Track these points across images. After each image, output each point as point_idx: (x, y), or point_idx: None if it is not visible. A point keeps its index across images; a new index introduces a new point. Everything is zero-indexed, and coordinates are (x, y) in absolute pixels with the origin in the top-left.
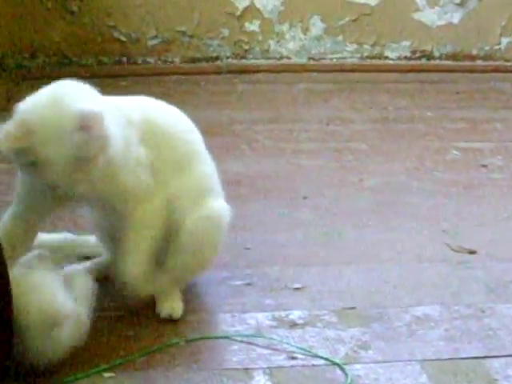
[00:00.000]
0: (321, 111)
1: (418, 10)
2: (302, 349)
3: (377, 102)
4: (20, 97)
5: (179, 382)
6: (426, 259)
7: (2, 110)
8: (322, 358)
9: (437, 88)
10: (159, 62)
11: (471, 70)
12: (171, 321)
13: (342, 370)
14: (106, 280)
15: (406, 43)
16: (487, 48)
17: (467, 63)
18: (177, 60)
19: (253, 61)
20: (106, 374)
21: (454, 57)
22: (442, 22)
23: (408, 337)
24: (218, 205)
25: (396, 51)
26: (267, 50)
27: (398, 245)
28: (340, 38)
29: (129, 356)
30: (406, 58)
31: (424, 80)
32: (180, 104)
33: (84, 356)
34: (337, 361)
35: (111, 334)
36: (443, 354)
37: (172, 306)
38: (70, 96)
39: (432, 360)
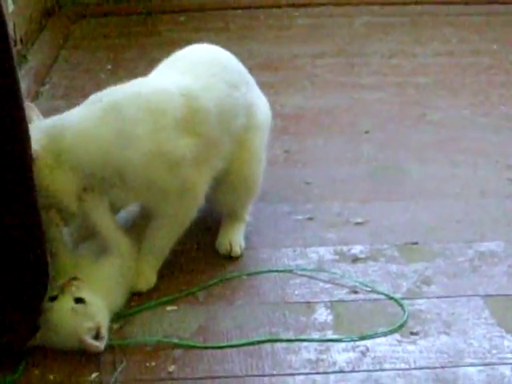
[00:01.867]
0: (382, 45)
1: None
2: (361, 283)
3: (440, 35)
4: (77, 36)
5: (241, 315)
6: (490, 195)
7: (59, 49)
8: (380, 293)
9: (503, 20)
10: None
11: None
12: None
13: (400, 305)
14: None
15: None
16: None
17: None
18: None
19: None
20: (169, 308)
21: None
22: None
23: (471, 272)
24: (258, 140)
25: None
26: None
27: (462, 180)
28: None
29: (190, 289)
30: None
31: (490, 12)
32: (239, 39)
33: None
34: (396, 296)
35: (173, 269)
36: (506, 289)
37: (231, 243)
38: None
39: (495, 295)
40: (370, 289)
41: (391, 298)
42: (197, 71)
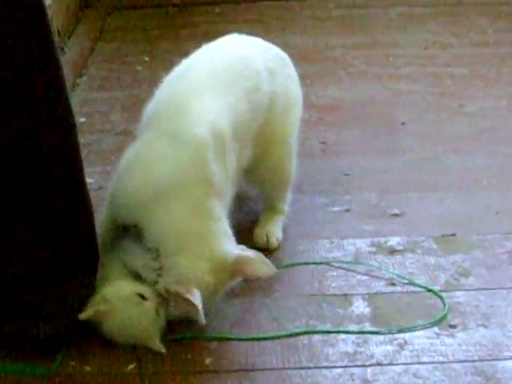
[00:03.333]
0: (418, 35)
1: None
2: (398, 275)
3: (476, 26)
4: (113, 27)
5: (278, 307)
6: None
7: (96, 40)
8: (418, 285)
9: None
10: None
11: None
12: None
13: (440, 298)
14: None
15: None
16: None
17: None
18: None
19: None
20: None
21: None
22: None
23: (510, 264)
24: (287, 124)
25: None
26: None
27: (500, 171)
28: None
29: None
30: None
31: None
32: (275, 30)
33: None
34: (435, 288)
35: None
36: None
37: (268, 235)
38: None
39: None
40: (404, 281)
41: (429, 291)
42: (214, 87)
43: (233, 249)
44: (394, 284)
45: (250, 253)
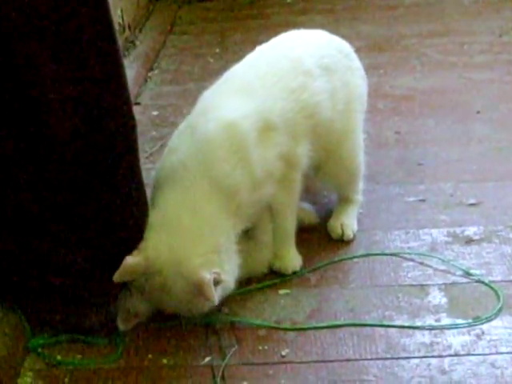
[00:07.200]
0: (493, 22)
1: None
2: (463, 270)
3: None
4: (184, 20)
5: (353, 298)
6: None
7: (167, 34)
8: (471, 276)
9: None
10: None
11: None
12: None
13: (493, 289)
14: None
15: None
16: None
17: None
18: None
19: None
20: (282, 291)
21: None
22: None
23: None
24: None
25: None
26: None
27: None
28: None
29: (298, 272)
30: None
31: None
32: (347, 20)
33: None
34: (486, 280)
35: None
36: None
37: (343, 226)
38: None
39: None
40: (461, 272)
41: (482, 282)
42: (247, 88)
43: (199, 265)
44: (470, 274)
45: (208, 278)
